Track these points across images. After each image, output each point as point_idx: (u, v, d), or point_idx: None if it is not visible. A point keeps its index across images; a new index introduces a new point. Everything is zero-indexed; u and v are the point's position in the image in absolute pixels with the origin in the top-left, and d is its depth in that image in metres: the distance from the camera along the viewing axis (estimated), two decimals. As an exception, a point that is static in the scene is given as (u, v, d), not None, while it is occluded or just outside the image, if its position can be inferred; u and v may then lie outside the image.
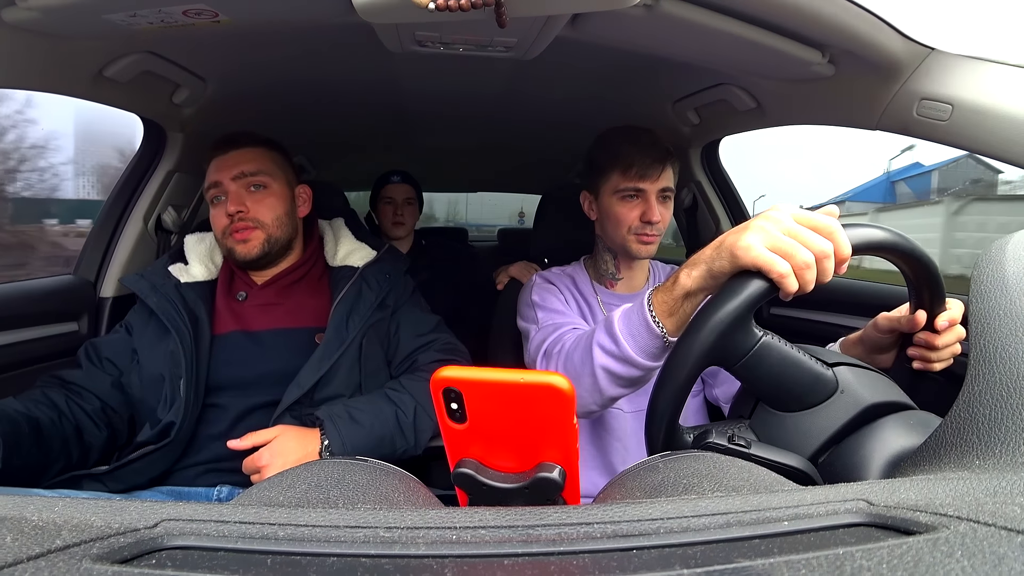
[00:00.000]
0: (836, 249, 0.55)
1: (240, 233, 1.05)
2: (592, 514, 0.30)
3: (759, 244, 0.56)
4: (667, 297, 0.66)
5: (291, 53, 1.16)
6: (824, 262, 0.55)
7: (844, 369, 0.59)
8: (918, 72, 0.89)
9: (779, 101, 1.18)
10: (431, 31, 0.92)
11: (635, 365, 0.71)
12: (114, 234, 1.42)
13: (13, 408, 0.87)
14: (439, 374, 0.35)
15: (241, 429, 0.92)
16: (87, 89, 1.03)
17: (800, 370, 0.58)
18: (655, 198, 1.03)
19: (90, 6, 0.74)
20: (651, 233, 1.03)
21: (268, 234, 1.07)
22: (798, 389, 0.58)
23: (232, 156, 1.08)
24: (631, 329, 0.70)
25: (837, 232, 0.56)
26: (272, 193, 1.09)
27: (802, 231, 0.56)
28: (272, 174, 1.10)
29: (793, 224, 0.56)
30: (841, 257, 0.55)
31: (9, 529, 0.25)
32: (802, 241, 0.55)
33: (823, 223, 0.56)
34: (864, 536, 0.27)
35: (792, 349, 0.59)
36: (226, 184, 1.06)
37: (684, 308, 0.65)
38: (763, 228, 0.57)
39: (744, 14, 0.83)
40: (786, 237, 0.56)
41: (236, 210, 1.04)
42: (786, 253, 0.55)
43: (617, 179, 1.03)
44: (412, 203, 2.05)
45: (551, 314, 1.01)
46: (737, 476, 0.40)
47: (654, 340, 0.68)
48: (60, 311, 1.30)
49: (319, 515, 0.29)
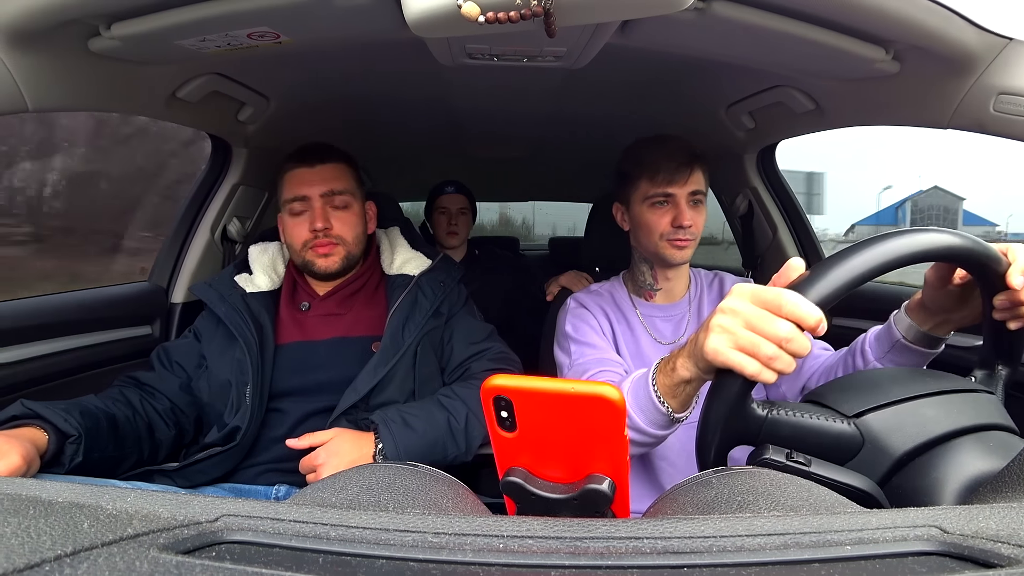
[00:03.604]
0: (800, 322, 0.52)
1: (323, 248, 1.09)
2: (642, 528, 0.29)
3: (723, 347, 0.55)
4: (668, 381, 0.68)
5: (348, 70, 1.21)
6: (789, 346, 0.53)
7: (870, 418, 0.56)
8: (994, 65, 0.83)
9: (839, 102, 1.13)
10: (481, 44, 0.93)
11: (647, 434, 0.73)
12: (184, 244, 1.51)
13: (94, 405, 0.93)
14: (490, 382, 0.35)
15: (300, 432, 0.95)
16: (162, 110, 1.10)
17: (817, 435, 0.56)
18: (685, 202, 1.02)
19: (164, 33, 0.80)
20: (684, 238, 1.02)
21: (348, 251, 1.11)
22: (821, 452, 0.56)
23: (320, 171, 1.10)
24: (639, 403, 0.72)
25: (793, 307, 0.52)
26: (354, 212, 1.12)
27: (760, 319, 0.54)
28: (354, 192, 1.13)
29: (751, 312, 0.54)
30: (809, 327, 0.52)
31: (86, 516, 0.27)
32: (761, 332, 0.53)
33: (776, 301, 0.53)
34: (936, 566, 0.25)
35: (803, 416, 0.56)
36: (313, 200, 1.09)
37: (685, 391, 0.67)
38: (723, 327, 0.56)
39: (800, 12, 0.80)
40: (746, 332, 0.54)
41: (323, 227, 1.08)
42: (749, 351, 0.54)
43: (646, 186, 1.03)
44: (466, 213, 2.07)
45: (583, 348, 1.01)
46: (796, 495, 0.38)
47: (661, 416, 0.71)
48: (135, 315, 1.40)
49: (370, 518, 0.30)
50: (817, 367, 0.96)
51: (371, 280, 1.19)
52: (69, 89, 0.87)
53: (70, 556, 0.23)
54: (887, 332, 0.80)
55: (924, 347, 0.75)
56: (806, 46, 0.85)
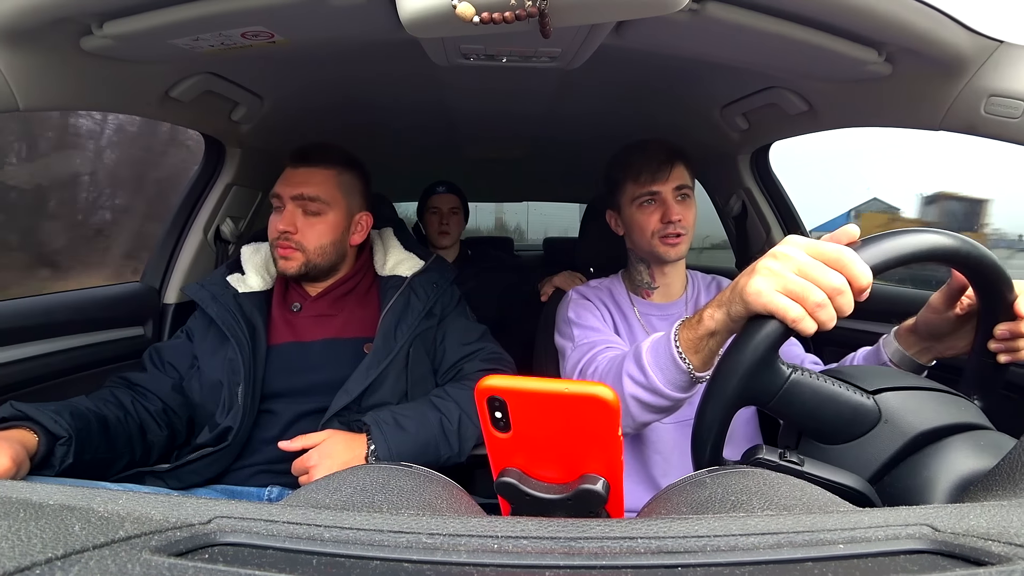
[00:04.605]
0: (852, 280, 0.52)
1: (283, 250, 1.08)
2: (636, 528, 0.29)
3: (768, 289, 0.54)
4: (691, 335, 0.67)
5: (342, 70, 1.20)
6: (838, 299, 0.52)
7: (889, 395, 0.56)
8: (986, 67, 0.84)
9: (832, 103, 1.13)
10: (476, 44, 0.93)
11: (664, 396, 0.72)
12: (177, 244, 1.50)
13: (85, 406, 0.92)
14: (483, 382, 0.35)
15: (293, 434, 0.95)
16: (155, 109, 1.10)
17: (837, 403, 0.56)
18: (671, 198, 1.04)
19: (158, 32, 0.79)
20: (675, 232, 1.03)
21: (307, 259, 1.09)
22: (838, 423, 0.56)
23: (300, 173, 1.10)
24: (659, 362, 0.71)
25: (851, 263, 0.52)
26: (324, 221, 1.10)
27: (814, 268, 0.53)
28: (332, 201, 1.10)
29: (805, 260, 0.54)
30: (858, 288, 0.52)
31: (77, 518, 0.27)
32: (813, 279, 0.53)
33: (836, 255, 0.53)
34: (928, 564, 0.26)
35: (826, 382, 0.56)
36: (284, 200, 1.09)
37: (709, 345, 0.66)
38: (772, 270, 0.55)
39: (794, 14, 0.80)
40: (796, 277, 0.53)
41: (284, 230, 1.07)
42: (797, 296, 0.53)
43: (632, 188, 1.06)
44: (457, 212, 2.08)
45: (587, 331, 1.01)
46: (789, 494, 0.38)
47: (681, 375, 0.69)
48: (128, 316, 1.39)
49: (364, 519, 0.30)
50: None
51: (363, 281, 1.19)
52: (61, 88, 0.86)
53: (61, 559, 0.23)
54: (875, 353, 0.83)
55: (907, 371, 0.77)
56: (799, 48, 0.86)
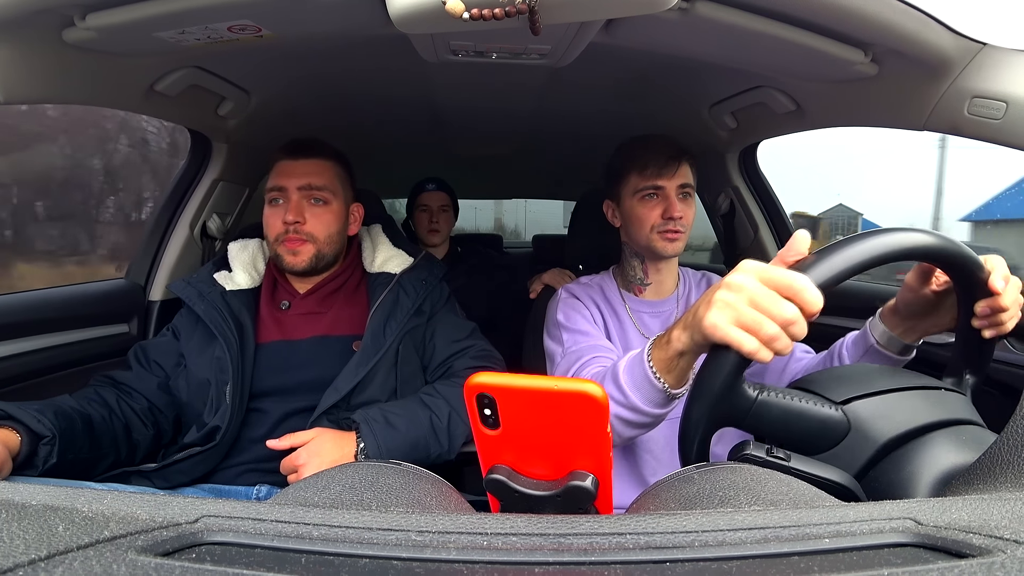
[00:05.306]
0: (803, 307, 0.53)
1: (292, 244, 1.07)
2: (625, 524, 0.29)
3: (724, 322, 0.55)
4: (663, 355, 0.68)
5: (330, 65, 1.19)
6: (791, 328, 0.53)
7: (858, 404, 0.57)
8: (969, 69, 0.85)
9: (820, 103, 1.15)
10: (465, 40, 0.93)
11: (643, 413, 0.73)
12: (162, 240, 1.48)
13: (68, 405, 0.91)
14: (473, 380, 0.35)
15: (281, 432, 0.94)
16: (139, 103, 1.08)
17: (806, 419, 0.57)
18: (675, 194, 1.04)
19: (142, 24, 0.78)
20: (674, 229, 1.03)
21: (319, 249, 1.09)
22: (807, 437, 0.57)
23: (302, 164, 1.09)
24: (635, 382, 0.72)
25: (801, 291, 0.53)
26: (331, 210, 1.11)
27: (766, 299, 0.54)
28: (335, 191, 1.12)
29: (758, 290, 0.55)
30: (809, 314, 0.53)
31: (61, 519, 0.26)
32: (766, 311, 0.53)
33: (787, 282, 0.54)
34: (911, 557, 0.26)
35: (793, 400, 0.58)
36: (290, 191, 1.08)
37: (680, 365, 0.67)
38: (726, 303, 0.56)
39: (782, 14, 0.81)
40: (750, 310, 0.54)
41: (294, 220, 1.06)
42: (751, 329, 0.54)
43: (636, 180, 1.05)
44: (447, 210, 2.07)
45: (576, 336, 1.01)
46: (775, 490, 0.38)
47: (657, 393, 0.70)
48: (112, 313, 1.37)
49: (352, 517, 0.30)
50: (800, 370, 0.98)
51: (352, 278, 1.18)
52: (42, 81, 0.85)
53: (44, 560, 0.23)
54: (863, 337, 0.84)
55: (895, 353, 0.79)
56: (787, 47, 0.87)
